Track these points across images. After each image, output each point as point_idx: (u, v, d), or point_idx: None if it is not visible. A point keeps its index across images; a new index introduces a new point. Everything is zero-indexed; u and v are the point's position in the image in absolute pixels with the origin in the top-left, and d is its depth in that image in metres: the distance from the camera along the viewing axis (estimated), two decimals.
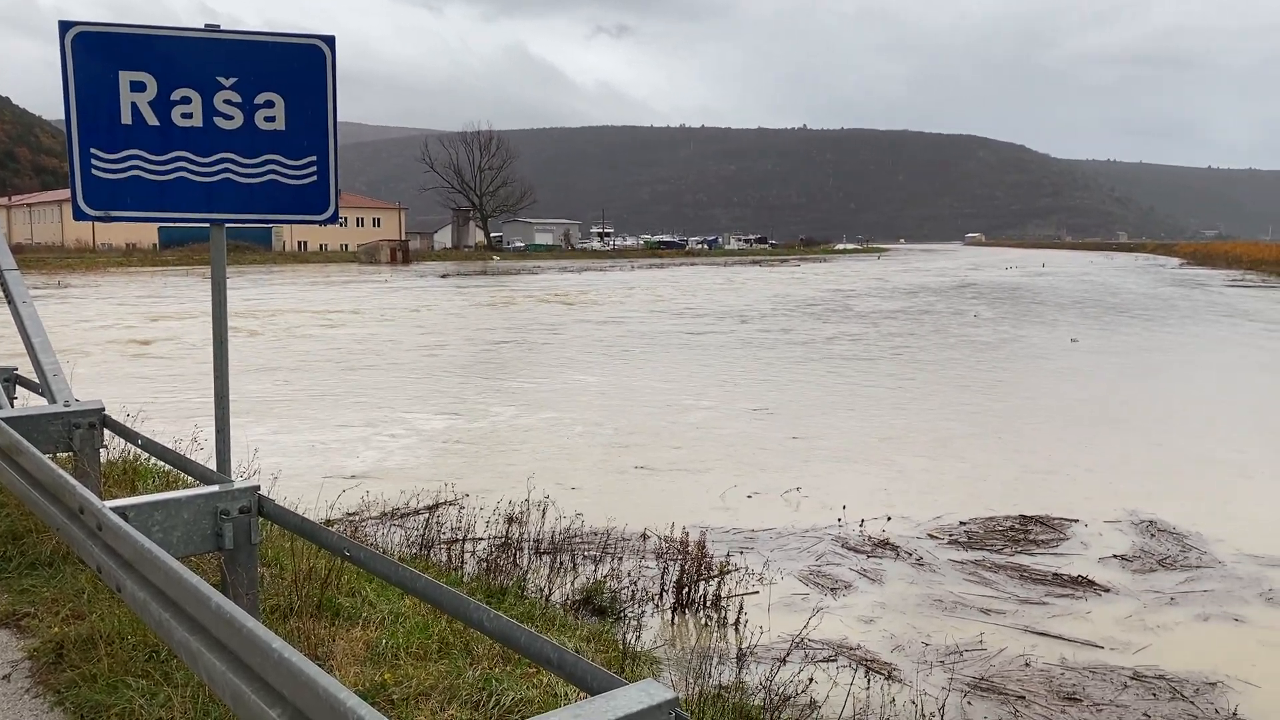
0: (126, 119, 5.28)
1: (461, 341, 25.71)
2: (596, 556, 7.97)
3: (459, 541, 7.84)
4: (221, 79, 5.41)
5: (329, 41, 5.62)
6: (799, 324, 31.30)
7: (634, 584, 7.39)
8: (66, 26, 5.19)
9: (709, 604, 7.09)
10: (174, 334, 25.95)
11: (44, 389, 6.50)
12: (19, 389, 8.34)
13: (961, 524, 9.33)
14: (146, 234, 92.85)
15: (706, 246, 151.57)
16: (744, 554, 8.30)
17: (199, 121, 5.38)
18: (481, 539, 8.09)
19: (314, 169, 5.64)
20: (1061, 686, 5.95)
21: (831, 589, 7.66)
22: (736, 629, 6.75)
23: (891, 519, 9.44)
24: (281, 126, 5.55)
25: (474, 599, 3.22)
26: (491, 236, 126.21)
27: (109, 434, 6.20)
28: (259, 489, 4.36)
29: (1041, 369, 21.33)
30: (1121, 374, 20.61)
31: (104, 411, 6.08)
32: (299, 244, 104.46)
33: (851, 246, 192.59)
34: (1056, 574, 7.99)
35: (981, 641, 6.65)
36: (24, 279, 7.82)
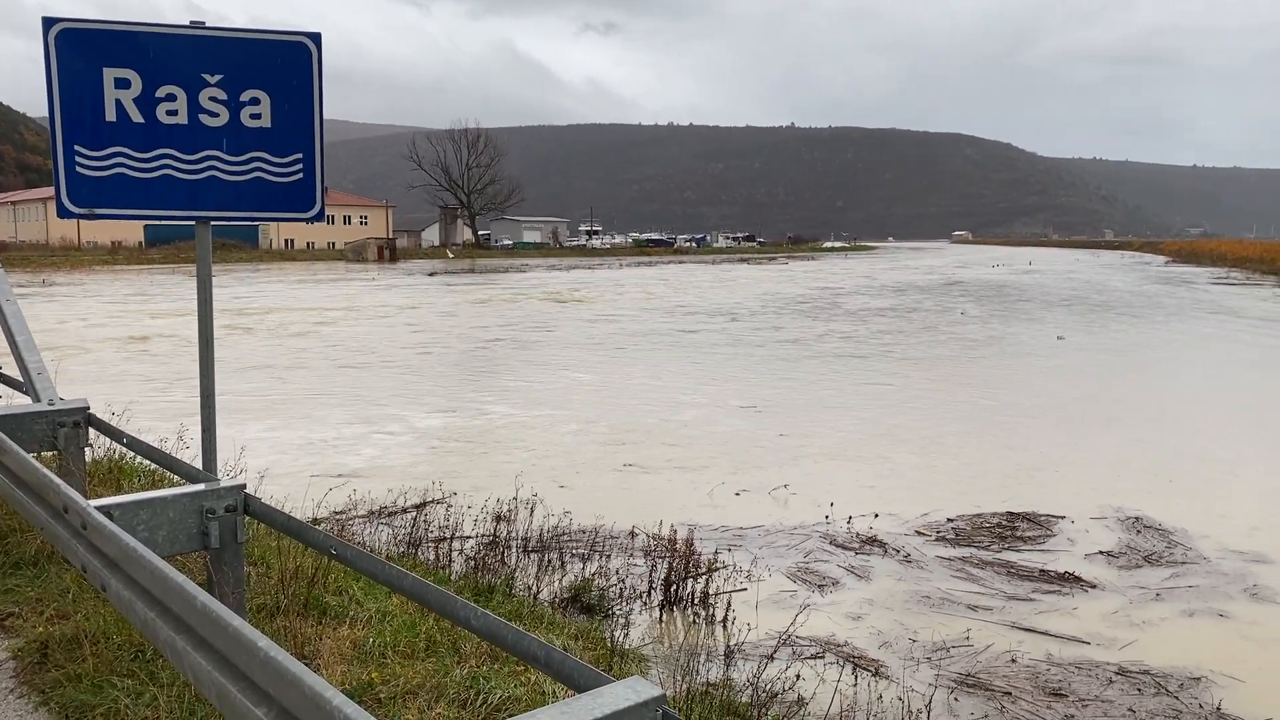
0: (111, 116, 5.24)
1: (453, 339, 25.65)
2: (585, 554, 7.97)
3: (447, 540, 7.82)
4: (207, 76, 5.37)
5: (315, 39, 5.59)
6: (789, 322, 31.35)
7: (622, 582, 7.40)
8: (50, 23, 5.16)
9: (697, 601, 7.09)
10: (168, 331, 25.82)
11: (28, 388, 6.46)
12: (2, 388, 8.30)
13: (949, 521, 9.36)
14: (132, 232, 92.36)
15: (695, 245, 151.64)
16: (732, 551, 8.31)
17: (184, 119, 5.35)
18: (469, 537, 8.08)
19: (300, 167, 5.62)
20: (1047, 682, 5.98)
21: (819, 586, 7.67)
22: (724, 626, 6.76)
23: (879, 516, 9.46)
24: (267, 124, 5.53)
25: (461, 597, 3.21)
26: (479, 234, 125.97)
27: (94, 433, 6.18)
28: (245, 487, 4.34)
29: (1029, 366, 21.41)
30: (1108, 371, 20.70)
31: (89, 410, 6.05)
32: (286, 242, 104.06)
33: (839, 244, 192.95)
34: (1043, 570, 8.02)
35: (968, 638, 6.67)
36: (8, 277, 7.77)
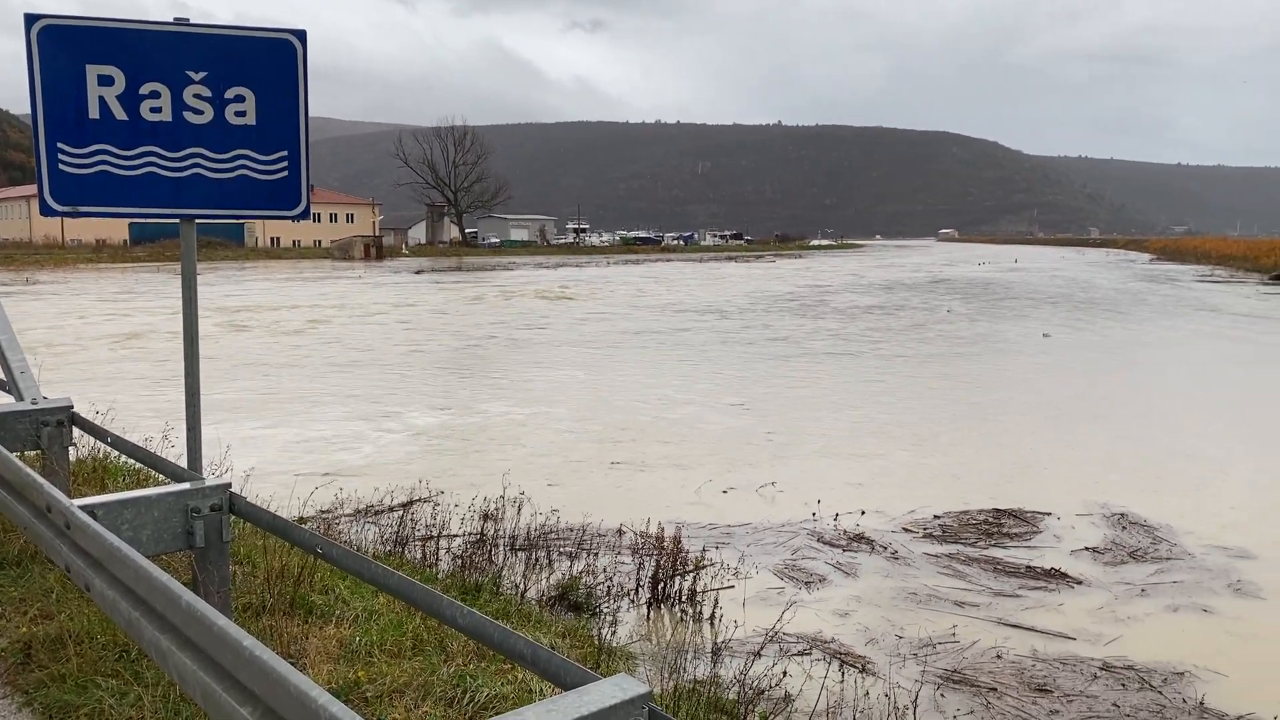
0: (94, 113, 5.21)
1: (447, 336, 25.59)
2: (572, 552, 7.97)
3: (434, 538, 7.81)
4: (191, 73, 5.35)
5: (300, 36, 5.57)
6: (778, 319, 31.39)
7: (610, 580, 7.40)
8: (33, 20, 5.12)
9: (684, 599, 7.10)
10: (157, 328, 25.69)
11: (11, 386, 6.41)
12: None
13: (936, 518, 9.39)
14: (117, 230, 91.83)
15: (682, 242, 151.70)
16: (720, 549, 8.32)
17: (168, 116, 5.32)
18: (457, 536, 8.07)
19: (285, 164, 5.60)
20: (1033, 678, 6.01)
21: (806, 583, 7.69)
22: (712, 623, 6.78)
23: (866, 513, 9.49)
24: (252, 121, 5.51)
25: (447, 595, 3.21)
26: (466, 232, 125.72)
27: (79, 432, 6.14)
28: (230, 486, 4.32)
29: (1015, 364, 21.50)
30: (1094, 368, 20.81)
31: (72, 409, 6.01)
32: (271, 240, 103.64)
33: (826, 242, 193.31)
34: (1029, 567, 8.06)
35: (954, 634, 6.70)
36: None
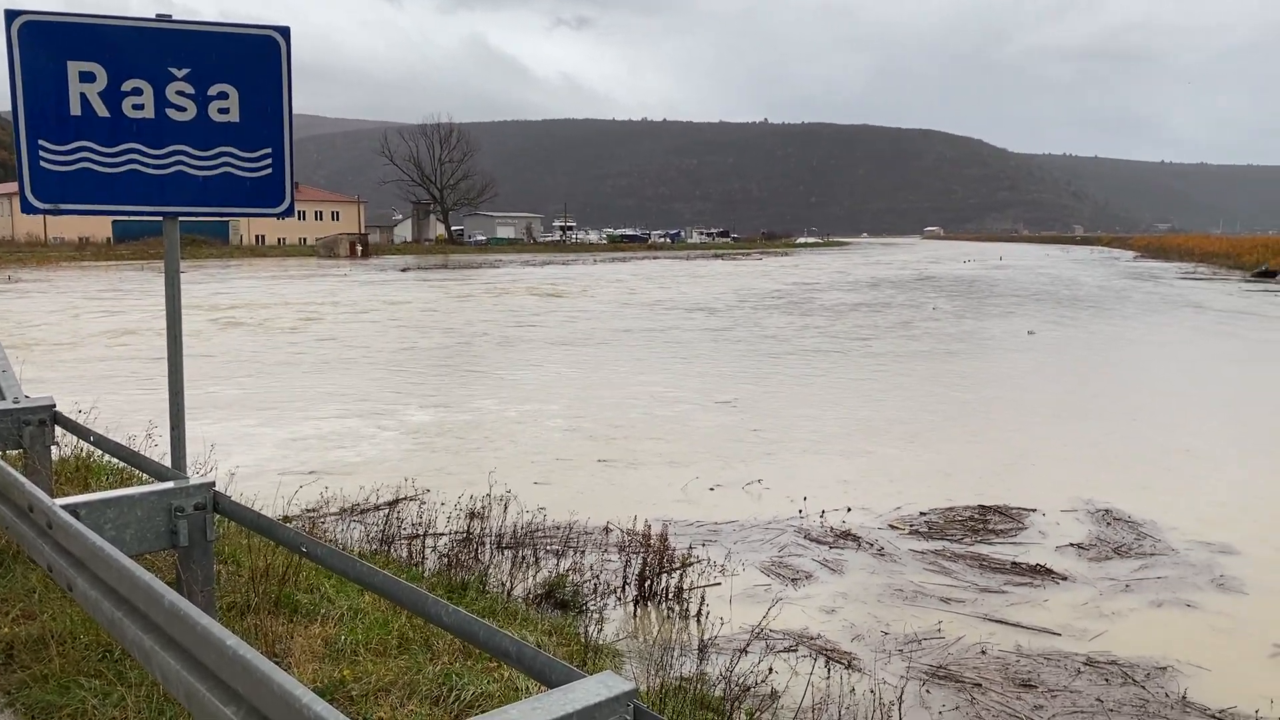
0: (76, 110, 5.18)
1: (437, 334, 25.52)
2: (559, 550, 7.97)
3: (420, 537, 7.79)
4: (174, 70, 5.32)
5: (284, 32, 5.55)
6: (766, 317, 31.44)
7: (596, 577, 7.40)
8: (13, 16, 5.08)
9: (671, 596, 7.11)
10: (146, 326, 25.55)
11: None
12: None
13: (922, 514, 9.42)
14: (100, 228, 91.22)
15: (669, 240, 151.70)
16: (707, 546, 8.33)
17: (150, 113, 5.29)
18: (443, 534, 8.05)
19: (269, 162, 5.58)
20: (1017, 674, 6.04)
21: (793, 580, 7.71)
22: (698, 620, 6.78)
23: (852, 510, 9.51)
24: (236, 118, 5.48)
25: (432, 594, 3.20)
26: (453, 230, 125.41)
27: (62, 432, 6.10)
28: (214, 485, 4.30)
29: (1000, 361, 21.59)
30: (1078, 365, 20.92)
31: (54, 408, 5.97)
32: (257, 238, 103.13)
33: (812, 240, 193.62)
34: (1015, 563, 8.09)
35: (940, 630, 6.72)
36: None
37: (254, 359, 20.27)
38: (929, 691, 5.80)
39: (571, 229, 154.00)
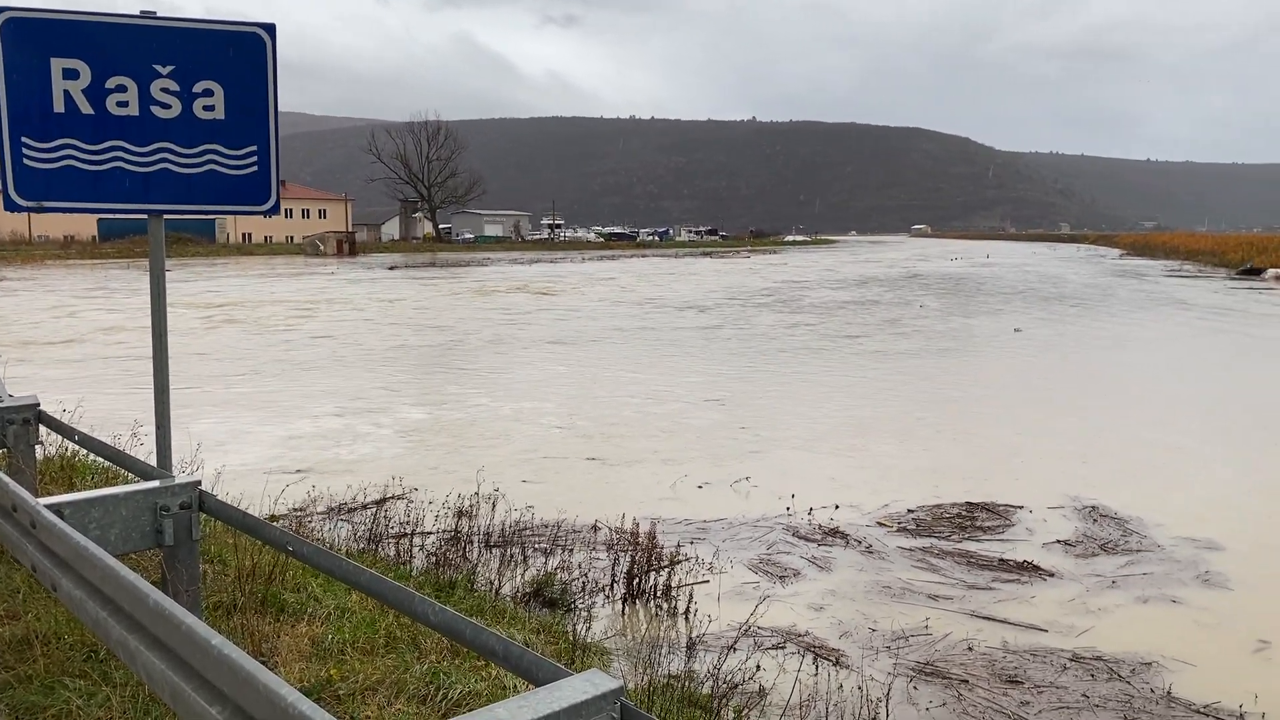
0: (59, 107, 5.13)
1: (430, 333, 25.46)
2: (547, 549, 7.96)
3: (408, 535, 7.78)
4: (158, 67, 5.28)
5: (269, 29, 5.51)
6: (755, 314, 31.48)
7: (585, 575, 7.40)
8: None
9: (659, 594, 7.11)
10: (134, 324, 25.42)
11: None
12: None
13: (910, 511, 9.45)
14: (85, 226, 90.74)
15: (657, 238, 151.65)
16: (695, 544, 8.33)
17: (135, 110, 5.25)
18: (431, 533, 8.04)
19: (254, 159, 5.54)
20: (1003, 670, 6.06)
21: (781, 577, 7.72)
22: (687, 618, 6.78)
23: (840, 507, 9.53)
24: (221, 116, 5.44)
25: (419, 593, 3.19)
26: (440, 228, 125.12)
27: (46, 431, 6.07)
28: (200, 484, 4.28)
29: (987, 358, 21.66)
30: (1064, 362, 21.00)
31: (39, 407, 5.94)
32: (243, 236, 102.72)
33: (800, 238, 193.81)
34: (1002, 560, 8.12)
35: (927, 627, 6.74)
36: None
37: (246, 357, 20.19)
38: (916, 688, 5.81)
39: (560, 227, 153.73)
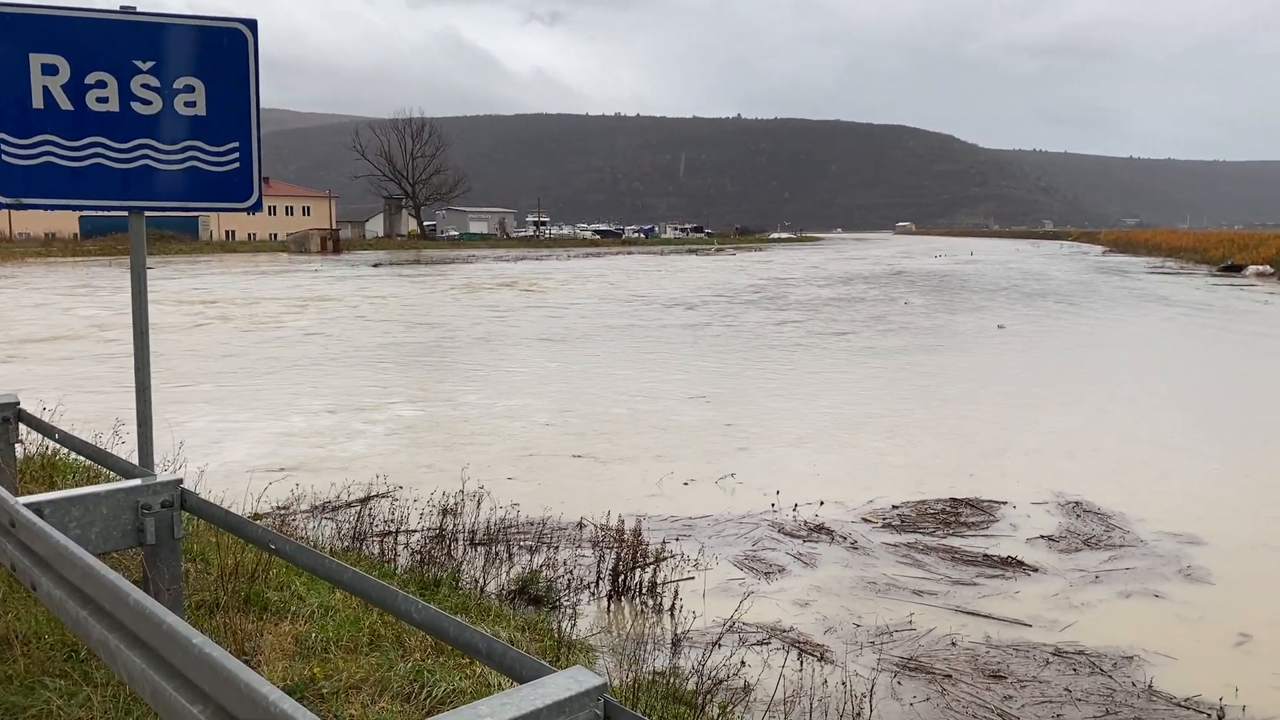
0: (38, 103, 5.09)
1: (419, 330, 25.39)
2: (533, 546, 7.95)
3: (392, 534, 7.75)
4: (138, 62, 5.24)
5: (250, 25, 5.48)
6: (742, 311, 31.53)
7: (570, 573, 7.39)
8: None
9: (645, 591, 7.11)
10: (123, 322, 25.25)
11: None
12: None
13: (894, 507, 9.48)
14: (67, 223, 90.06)
15: (643, 235, 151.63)
16: (680, 541, 8.34)
17: (115, 106, 5.21)
18: (415, 531, 8.01)
19: (236, 156, 5.51)
20: (987, 665, 6.09)
21: (766, 573, 7.73)
22: (672, 615, 6.79)
23: (825, 503, 9.55)
24: (202, 112, 5.41)
25: (402, 590, 3.18)
26: (425, 225, 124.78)
27: (26, 430, 6.02)
28: (181, 482, 4.26)
29: (971, 355, 21.73)
30: (1047, 359, 21.11)
31: (19, 406, 5.89)
32: (227, 233, 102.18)
33: (785, 235, 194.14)
34: (986, 555, 8.15)
35: (911, 622, 6.76)
36: None
37: (238, 354, 20.10)
38: (900, 683, 5.83)
39: (545, 224, 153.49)
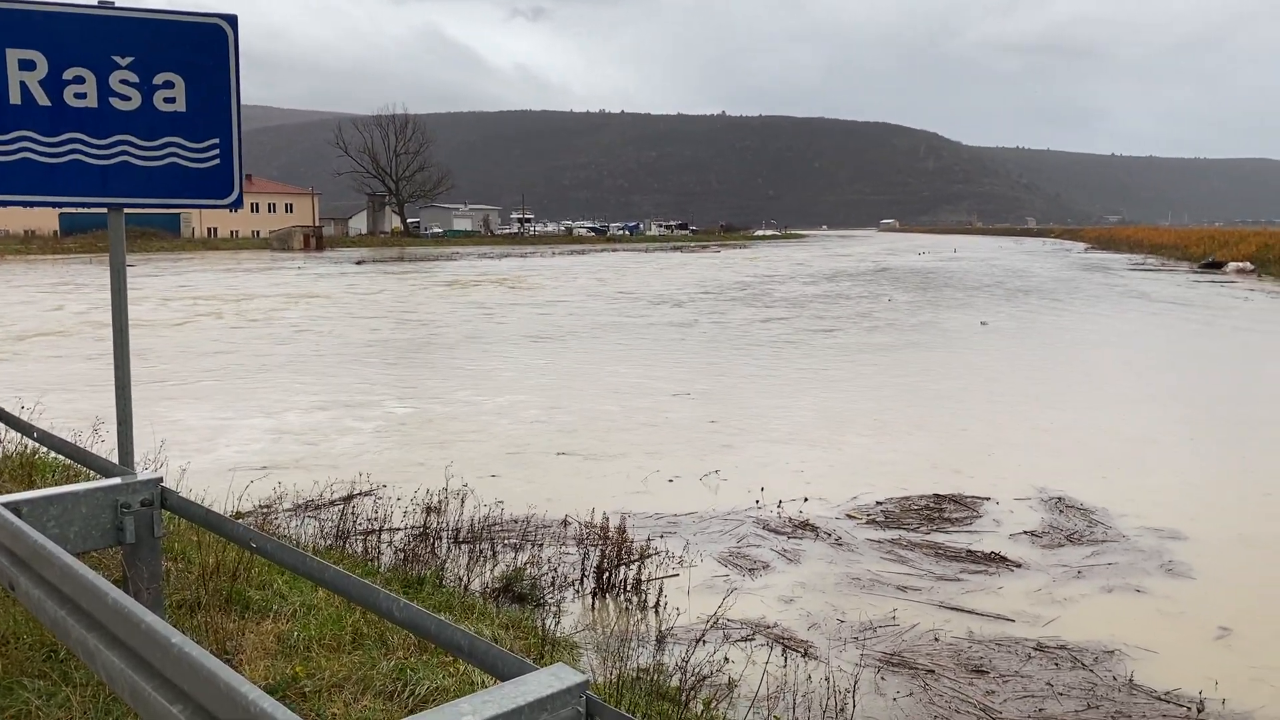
0: (15, 99, 5.04)
1: (409, 328, 25.32)
2: (517, 544, 7.93)
3: (376, 532, 7.73)
4: (117, 58, 5.20)
5: (230, 20, 5.45)
6: (729, 309, 31.56)
7: (554, 570, 7.38)
8: None
9: (629, 588, 7.10)
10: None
11: None
12: None
13: (878, 503, 9.50)
14: (47, 221, 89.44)
15: (628, 232, 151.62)
16: (665, 538, 8.33)
17: (93, 102, 5.16)
18: (399, 529, 7.99)
19: (217, 152, 5.47)
20: (970, 660, 6.11)
21: (750, 570, 7.74)
22: (656, 612, 6.79)
23: (810, 500, 9.57)
24: (182, 108, 5.36)
25: (384, 589, 3.17)
26: (408, 222, 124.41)
27: (3, 429, 5.97)
28: (161, 481, 4.23)
29: (953, 351, 21.81)
30: (1030, 355, 21.21)
31: None
32: (209, 230, 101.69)
33: (770, 232, 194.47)
34: (970, 551, 8.18)
35: (895, 618, 6.79)
36: None
37: (229, 350, 19.99)
38: (883, 678, 5.85)
39: (530, 221, 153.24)
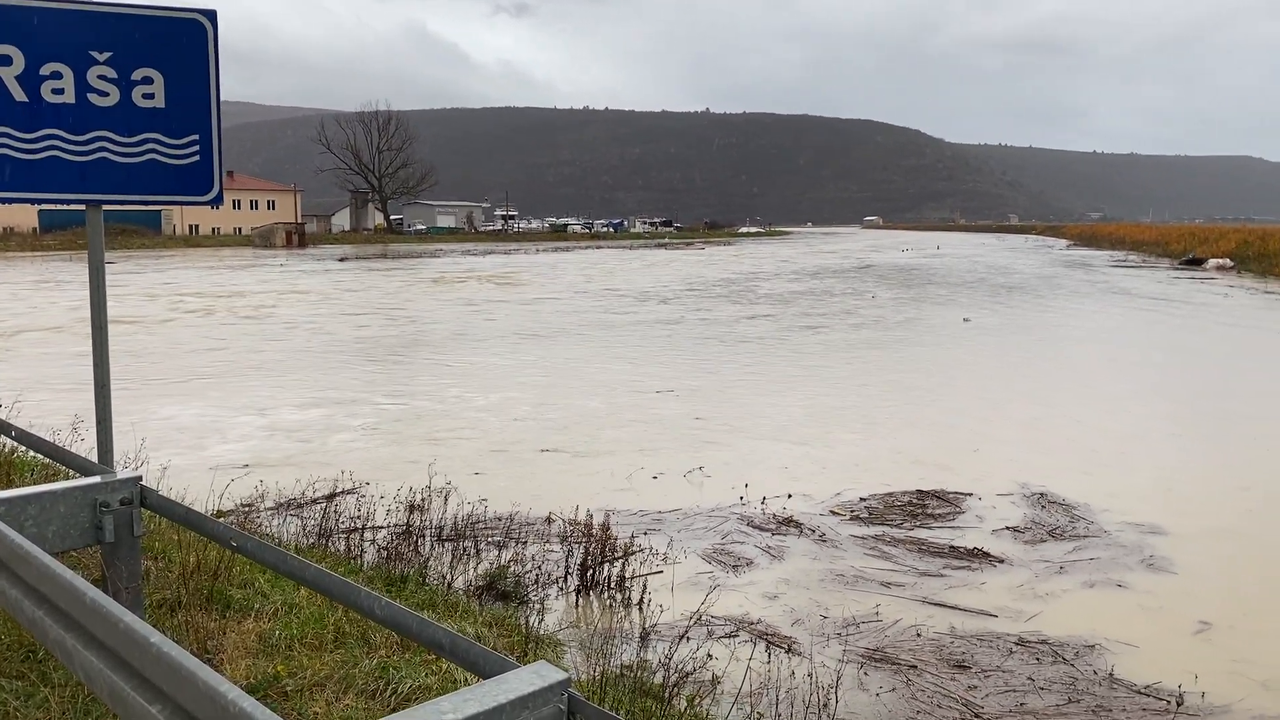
0: None
1: (397, 326, 25.24)
2: (500, 542, 7.92)
3: (359, 530, 7.70)
4: (95, 54, 5.15)
5: (210, 16, 5.41)
6: (713, 305, 31.60)
7: (538, 568, 7.37)
8: None
9: (613, 585, 7.10)
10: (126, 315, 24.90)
11: None
12: None
13: (862, 500, 9.53)
14: (26, 218, 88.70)
15: (612, 229, 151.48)
16: (649, 535, 8.33)
17: (71, 98, 5.12)
18: (382, 527, 7.96)
19: (196, 148, 5.43)
20: (952, 655, 6.14)
21: (734, 566, 7.75)
22: (640, 609, 6.79)
23: (793, 496, 9.59)
24: (161, 104, 5.33)
25: (365, 587, 3.16)
26: (392, 219, 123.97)
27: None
28: (141, 479, 4.20)
29: (937, 348, 21.89)
30: (1012, 351, 21.31)
31: None
32: (190, 227, 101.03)
33: (754, 230, 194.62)
34: (953, 546, 8.22)
35: (878, 614, 6.81)
36: None
37: (218, 348, 19.87)
38: (866, 674, 5.87)
39: (514, 218, 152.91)
